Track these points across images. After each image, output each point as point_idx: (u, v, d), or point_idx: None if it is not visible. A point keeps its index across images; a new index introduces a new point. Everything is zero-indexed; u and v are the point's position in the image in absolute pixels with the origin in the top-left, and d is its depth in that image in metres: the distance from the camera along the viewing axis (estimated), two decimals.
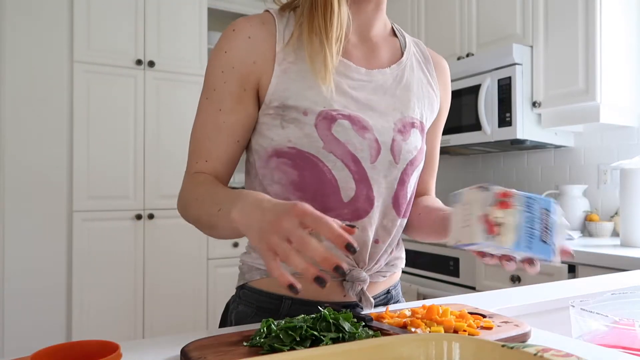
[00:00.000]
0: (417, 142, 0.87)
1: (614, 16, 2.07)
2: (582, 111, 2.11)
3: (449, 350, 0.45)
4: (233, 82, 0.81)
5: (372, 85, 0.84)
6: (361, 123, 0.80)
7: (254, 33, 0.80)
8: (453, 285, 2.23)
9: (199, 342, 0.65)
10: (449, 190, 3.15)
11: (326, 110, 0.79)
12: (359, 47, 0.86)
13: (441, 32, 2.77)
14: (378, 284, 0.91)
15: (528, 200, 0.69)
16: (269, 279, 0.86)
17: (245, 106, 0.82)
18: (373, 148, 0.81)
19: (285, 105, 0.79)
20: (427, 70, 0.93)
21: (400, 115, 0.85)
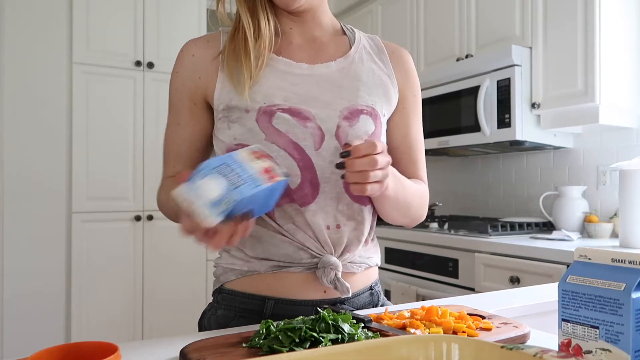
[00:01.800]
0: (367, 127, 0.89)
1: (613, 17, 2.07)
2: (581, 112, 2.11)
3: (448, 352, 0.45)
4: (184, 98, 0.91)
5: (315, 78, 0.89)
6: (302, 114, 0.85)
7: (198, 51, 0.91)
8: (452, 287, 2.23)
9: (198, 343, 0.65)
10: (449, 192, 3.15)
11: (265, 106, 0.85)
12: (303, 48, 0.93)
13: (440, 33, 2.77)
14: (356, 277, 0.92)
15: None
16: (246, 278, 0.89)
17: (197, 119, 0.92)
18: (316, 135, 0.86)
19: (229, 107, 0.87)
20: (380, 61, 0.96)
21: (348, 104, 0.88)
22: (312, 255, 0.87)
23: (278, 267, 0.87)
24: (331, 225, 0.87)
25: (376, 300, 0.98)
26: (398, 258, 2.56)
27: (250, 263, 0.88)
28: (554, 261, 1.80)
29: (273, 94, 0.86)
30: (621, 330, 0.50)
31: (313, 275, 0.87)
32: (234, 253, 0.91)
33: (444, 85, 2.59)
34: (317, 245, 0.87)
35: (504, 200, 2.80)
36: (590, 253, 0.56)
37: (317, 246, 0.87)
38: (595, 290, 0.53)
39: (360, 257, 0.92)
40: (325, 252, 0.87)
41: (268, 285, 0.88)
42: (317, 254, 0.87)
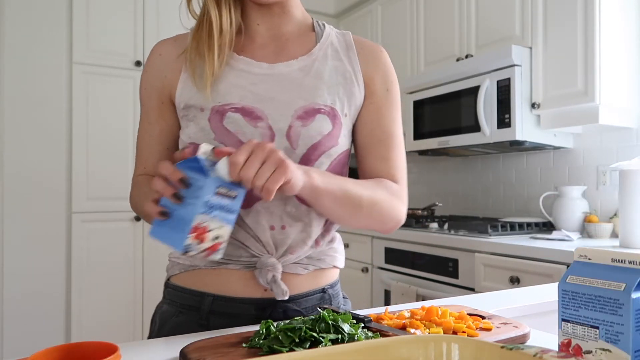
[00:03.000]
0: (322, 128, 0.86)
1: (613, 17, 2.07)
2: (581, 112, 2.11)
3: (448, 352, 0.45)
4: (153, 97, 0.92)
5: (274, 77, 0.88)
6: (255, 113, 0.84)
7: (165, 51, 0.92)
8: (452, 287, 2.23)
9: (198, 343, 0.65)
10: (449, 192, 3.15)
11: (218, 106, 0.85)
12: (266, 46, 0.92)
13: (440, 33, 2.77)
14: (300, 278, 0.89)
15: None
16: (188, 273, 0.89)
17: (165, 117, 0.92)
18: (266, 136, 0.84)
19: (187, 105, 0.87)
20: (346, 58, 0.93)
21: (304, 103, 0.86)
22: (251, 255, 0.86)
23: (217, 264, 0.87)
24: (276, 226, 0.86)
25: (328, 303, 0.94)
26: (398, 258, 2.56)
27: (194, 258, 0.88)
28: (554, 261, 1.80)
29: (229, 93, 0.86)
30: (621, 330, 0.50)
31: (252, 273, 0.86)
32: None
33: (444, 85, 2.59)
34: (258, 245, 0.86)
35: (504, 201, 2.80)
36: (590, 253, 0.56)
37: (258, 246, 0.86)
38: (595, 290, 0.53)
39: (308, 259, 0.90)
40: (265, 253, 0.86)
41: (207, 281, 0.87)
42: (256, 254, 0.86)
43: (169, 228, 0.68)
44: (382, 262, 2.68)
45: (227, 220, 0.70)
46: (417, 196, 3.42)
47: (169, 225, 0.69)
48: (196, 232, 0.66)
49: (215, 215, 0.68)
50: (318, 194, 0.79)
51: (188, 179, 0.68)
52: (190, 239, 0.66)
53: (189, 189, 0.68)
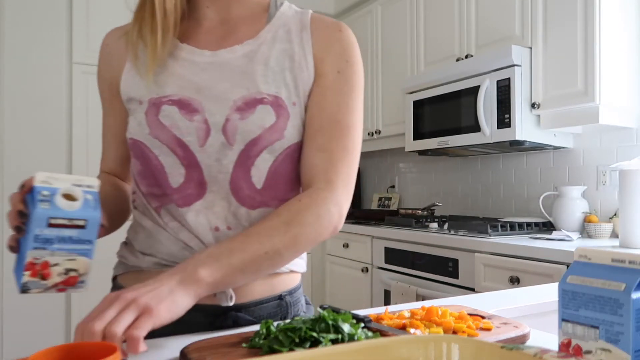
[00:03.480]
0: (264, 120, 0.79)
1: (613, 17, 2.07)
2: (581, 112, 2.11)
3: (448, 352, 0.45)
4: (105, 89, 0.89)
5: (216, 66, 0.81)
6: (191, 106, 0.79)
7: (111, 41, 0.88)
8: (452, 287, 2.23)
9: (199, 343, 0.65)
10: (449, 192, 3.15)
11: (155, 97, 0.80)
12: (213, 31, 0.85)
13: (440, 33, 2.77)
14: (255, 285, 0.83)
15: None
16: (133, 273, 0.84)
17: (117, 110, 0.89)
18: (201, 130, 0.78)
19: (129, 98, 0.83)
20: (297, 39, 0.84)
21: (245, 92, 0.79)
22: None
23: (160, 265, 0.81)
24: (220, 227, 0.80)
25: (285, 312, 0.86)
26: (398, 258, 2.56)
27: (137, 258, 0.84)
28: (554, 261, 1.80)
29: (167, 84, 0.80)
30: (621, 330, 0.50)
31: None
32: (128, 245, 0.87)
33: (444, 85, 2.59)
34: (202, 246, 0.80)
35: (503, 200, 2.80)
36: (590, 253, 0.56)
37: (201, 246, 0.80)
38: (595, 291, 0.53)
39: None
40: None
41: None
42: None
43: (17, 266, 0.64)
44: (382, 262, 2.68)
45: (81, 252, 0.64)
46: (417, 196, 3.42)
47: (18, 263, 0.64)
48: (32, 269, 0.61)
49: (57, 249, 0.62)
50: (218, 288, 0.71)
51: (22, 211, 0.62)
52: (26, 276, 0.61)
53: (28, 221, 0.62)
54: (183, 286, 0.66)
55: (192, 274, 0.67)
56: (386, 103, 3.20)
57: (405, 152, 3.25)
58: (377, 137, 3.28)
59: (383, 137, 3.24)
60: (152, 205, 0.83)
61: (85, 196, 0.65)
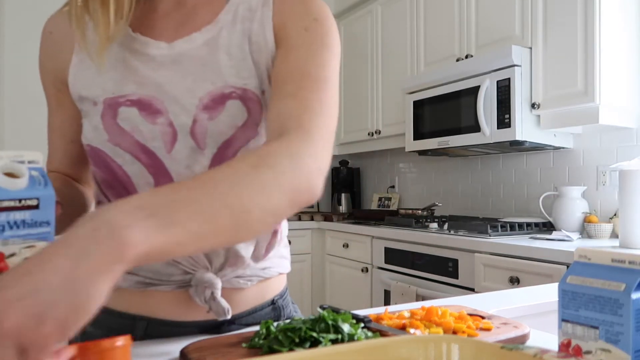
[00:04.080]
0: (235, 118, 0.70)
1: (613, 17, 2.07)
2: (581, 112, 2.11)
3: (448, 352, 0.45)
4: (49, 83, 0.78)
5: (174, 59, 0.71)
6: (153, 107, 0.69)
7: (56, 27, 0.76)
8: (452, 287, 2.23)
9: (198, 343, 0.65)
10: (449, 192, 3.15)
11: (111, 97, 0.69)
12: (169, 17, 0.73)
13: (440, 33, 2.77)
14: (245, 292, 0.78)
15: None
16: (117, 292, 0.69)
17: (64, 106, 0.78)
18: (167, 134, 0.69)
19: (81, 97, 0.72)
20: (261, 16, 0.72)
21: (211, 87, 0.69)
22: (183, 271, 0.73)
23: (144, 285, 0.73)
24: None
25: (278, 315, 0.83)
26: (398, 258, 2.56)
27: None
28: (553, 261, 1.80)
29: (123, 81, 0.69)
30: (621, 331, 0.50)
31: (188, 293, 0.74)
32: None
33: (444, 86, 2.59)
34: (189, 259, 0.72)
35: (503, 201, 2.80)
36: (590, 253, 0.56)
37: (189, 260, 0.72)
38: (595, 291, 0.53)
39: (252, 270, 0.78)
40: (199, 267, 0.73)
41: (137, 303, 0.74)
42: (189, 270, 0.73)
43: None
44: (382, 262, 2.68)
45: (39, 236, 0.54)
46: (417, 196, 3.42)
47: None
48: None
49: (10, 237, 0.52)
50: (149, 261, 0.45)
51: None
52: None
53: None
54: (97, 261, 0.39)
55: (114, 236, 0.41)
56: (386, 103, 3.20)
57: (405, 152, 3.25)
58: (377, 137, 3.28)
59: (383, 137, 3.24)
60: None
61: (30, 172, 0.55)
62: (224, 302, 0.72)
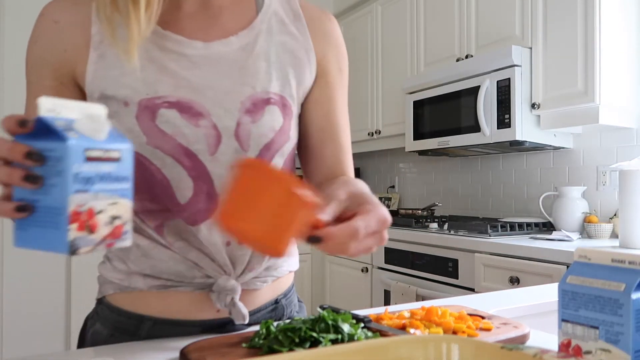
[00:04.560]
0: (274, 123, 0.73)
1: (613, 18, 2.07)
2: (581, 112, 2.11)
3: (448, 352, 0.45)
4: (46, 75, 0.71)
5: (211, 60, 0.71)
6: (194, 109, 0.69)
7: (62, 16, 0.70)
8: (452, 287, 2.23)
9: (198, 343, 0.65)
10: (449, 192, 3.15)
11: (147, 99, 0.67)
12: (196, 17, 0.73)
13: (440, 33, 2.77)
14: (258, 292, 0.79)
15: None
16: (125, 293, 0.75)
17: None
18: (211, 137, 0.69)
19: (105, 96, 0.68)
20: (295, 31, 0.78)
21: (251, 92, 0.72)
22: (205, 275, 0.74)
23: (164, 287, 0.74)
24: (233, 242, 0.73)
25: (280, 314, 0.84)
26: (398, 258, 2.56)
27: (132, 278, 0.74)
28: (553, 261, 1.80)
29: (158, 81, 0.68)
30: (621, 331, 0.50)
31: (205, 295, 0.74)
32: (115, 264, 0.76)
33: (444, 86, 2.59)
34: (213, 265, 0.73)
35: (503, 201, 2.80)
36: (590, 253, 0.56)
37: (213, 266, 0.73)
38: (595, 291, 0.53)
39: (267, 271, 0.79)
40: (223, 273, 0.74)
41: (149, 303, 0.74)
42: (211, 274, 0.74)
43: (38, 227, 0.48)
44: (382, 262, 2.68)
45: (121, 192, 0.51)
46: (417, 196, 3.42)
47: (36, 224, 0.48)
48: (78, 220, 0.47)
49: (98, 190, 0.49)
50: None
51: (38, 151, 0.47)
52: (73, 231, 0.47)
53: (46, 165, 0.47)
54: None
55: None
56: (386, 103, 3.20)
57: (405, 152, 3.25)
58: (377, 137, 3.28)
59: (383, 137, 3.24)
60: (150, 224, 0.73)
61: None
62: (243, 309, 0.73)
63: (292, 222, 0.49)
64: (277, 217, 0.48)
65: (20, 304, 2.66)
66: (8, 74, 2.66)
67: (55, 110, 0.48)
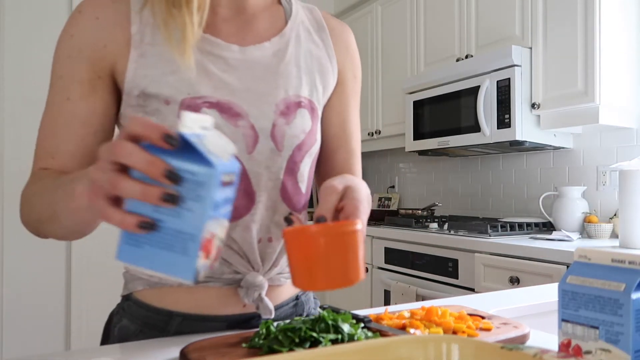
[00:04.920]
0: (304, 125, 0.78)
1: (613, 18, 2.07)
2: (581, 112, 2.11)
3: (448, 352, 0.45)
4: (82, 68, 0.71)
5: (247, 64, 0.74)
6: (233, 110, 0.72)
7: (102, 13, 0.71)
8: (452, 287, 2.23)
9: (198, 343, 0.65)
10: (449, 192, 3.15)
11: (189, 99, 0.70)
12: (231, 21, 0.76)
13: (440, 33, 2.77)
14: (282, 288, 0.82)
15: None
16: (154, 289, 0.77)
17: (100, 95, 0.72)
18: (249, 137, 0.73)
19: (145, 94, 0.70)
20: (320, 40, 0.83)
21: (284, 95, 0.76)
22: (234, 271, 0.76)
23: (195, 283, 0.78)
24: (263, 238, 0.76)
25: (300, 311, 0.86)
26: (398, 258, 2.56)
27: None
28: (553, 261, 1.80)
29: (199, 82, 0.70)
30: (621, 331, 0.50)
31: (233, 290, 0.76)
32: None
33: (444, 86, 2.59)
34: (243, 261, 0.76)
35: (503, 201, 2.80)
36: (590, 253, 0.56)
37: (243, 262, 0.76)
38: (595, 291, 0.53)
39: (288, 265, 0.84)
40: (252, 269, 0.76)
41: (178, 299, 0.76)
42: (240, 270, 0.76)
43: (158, 248, 0.45)
44: (382, 262, 2.68)
45: (227, 215, 0.50)
46: (417, 196, 3.42)
47: (155, 244, 0.45)
48: (204, 247, 0.45)
49: (220, 216, 0.48)
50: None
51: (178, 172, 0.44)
52: (200, 259, 0.45)
53: (182, 186, 0.44)
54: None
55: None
56: (386, 103, 3.20)
57: (405, 152, 3.25)
58: (377, 137, 3.28)
59: (383, 137, 3.24)
60: None
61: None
62: (269, 304, 0.75)
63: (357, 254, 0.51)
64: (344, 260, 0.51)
65: (20, 303, 2.66)
66: (8, 73, 2.66)
67: (193, 128, 0.45)
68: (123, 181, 0.45)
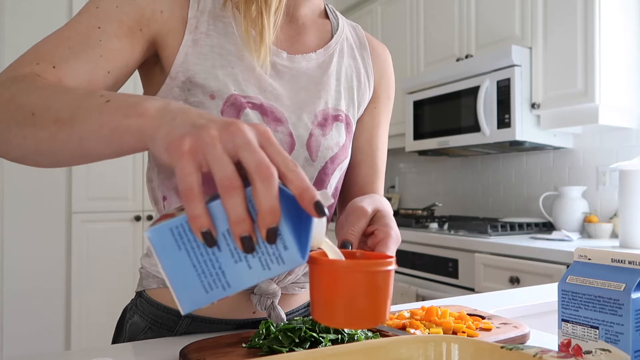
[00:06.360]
0: (339, 138, 0.78)
1: (613, 17, 2.07)
2: (581, 112, 2.11)
3: (448, 352, 0.45)
4: (129, 12, 0.65)
5: (293, 72, 0.75)
6: (274, 114, 0.72)
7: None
8: (452, 287, 2.23)
9: (198, 343, 0.65)
10: (449, 192, 3.15)
11: (236, 95, 0.69)
12: (282, 29, 0.76)
13: (440, 33, 2.77)
14: (295, 297, 0.82)
15: None
16: (167, 290, 0.74)
17: (133, 46, 0.65)
18: (286, 143, 0.73)
19: (191, 82, 0.68)
20: (360, 57, 0.85)
21: (324, 107, 0.77)
22: None
23: None
24: None
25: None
26: (398, 258, 2.56)
27: None
28: (553, 261, 1.80)
29: (246, 81, 0.70)
30: (621, 331, 0.50)
31: (245, 296, 0.76)
32: None
33: (444, 86, 2.59)
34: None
35: (503, 201, 2.80)
36: (590, 253, 0.56)
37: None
38: (595, 291, 0.53)
39: (305, 276, 0.81)
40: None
41: None
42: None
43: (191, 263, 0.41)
44: None
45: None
46: (417, 196, 3.42)
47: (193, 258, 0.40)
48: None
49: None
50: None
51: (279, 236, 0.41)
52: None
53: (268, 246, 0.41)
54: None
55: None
56: None
57: (405, 152, 3.25)
58: None
59: None
60: None
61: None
62: (282, 312, 0.75)
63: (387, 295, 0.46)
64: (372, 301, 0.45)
65: (20, 304, 2.66)
66: None
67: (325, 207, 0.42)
68: (238, 181, 0.38)
